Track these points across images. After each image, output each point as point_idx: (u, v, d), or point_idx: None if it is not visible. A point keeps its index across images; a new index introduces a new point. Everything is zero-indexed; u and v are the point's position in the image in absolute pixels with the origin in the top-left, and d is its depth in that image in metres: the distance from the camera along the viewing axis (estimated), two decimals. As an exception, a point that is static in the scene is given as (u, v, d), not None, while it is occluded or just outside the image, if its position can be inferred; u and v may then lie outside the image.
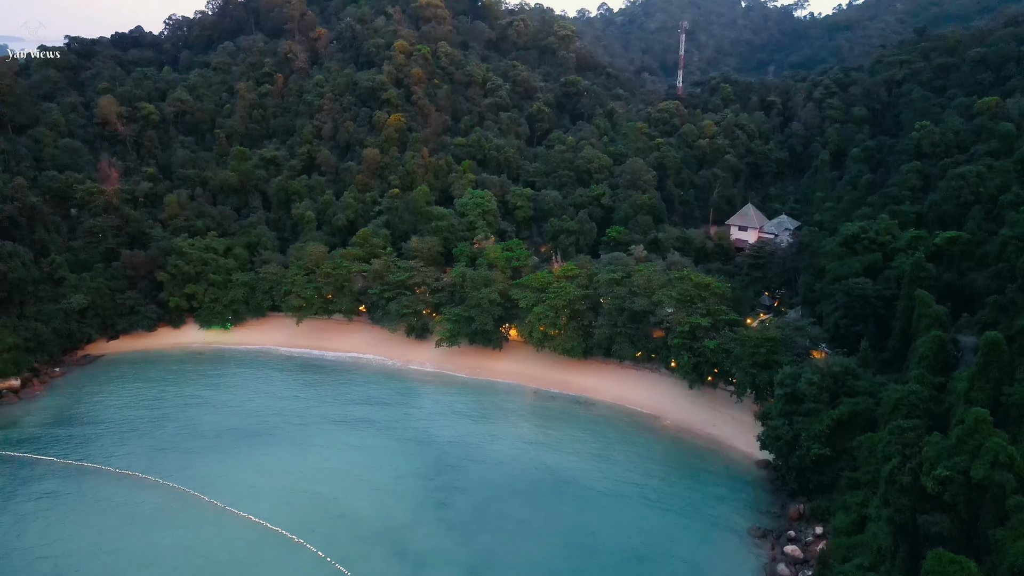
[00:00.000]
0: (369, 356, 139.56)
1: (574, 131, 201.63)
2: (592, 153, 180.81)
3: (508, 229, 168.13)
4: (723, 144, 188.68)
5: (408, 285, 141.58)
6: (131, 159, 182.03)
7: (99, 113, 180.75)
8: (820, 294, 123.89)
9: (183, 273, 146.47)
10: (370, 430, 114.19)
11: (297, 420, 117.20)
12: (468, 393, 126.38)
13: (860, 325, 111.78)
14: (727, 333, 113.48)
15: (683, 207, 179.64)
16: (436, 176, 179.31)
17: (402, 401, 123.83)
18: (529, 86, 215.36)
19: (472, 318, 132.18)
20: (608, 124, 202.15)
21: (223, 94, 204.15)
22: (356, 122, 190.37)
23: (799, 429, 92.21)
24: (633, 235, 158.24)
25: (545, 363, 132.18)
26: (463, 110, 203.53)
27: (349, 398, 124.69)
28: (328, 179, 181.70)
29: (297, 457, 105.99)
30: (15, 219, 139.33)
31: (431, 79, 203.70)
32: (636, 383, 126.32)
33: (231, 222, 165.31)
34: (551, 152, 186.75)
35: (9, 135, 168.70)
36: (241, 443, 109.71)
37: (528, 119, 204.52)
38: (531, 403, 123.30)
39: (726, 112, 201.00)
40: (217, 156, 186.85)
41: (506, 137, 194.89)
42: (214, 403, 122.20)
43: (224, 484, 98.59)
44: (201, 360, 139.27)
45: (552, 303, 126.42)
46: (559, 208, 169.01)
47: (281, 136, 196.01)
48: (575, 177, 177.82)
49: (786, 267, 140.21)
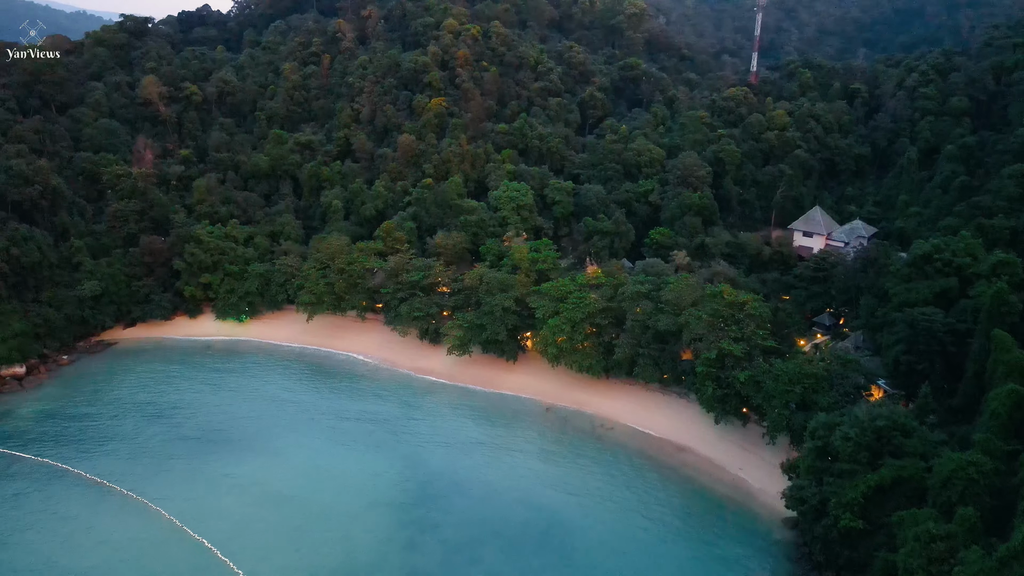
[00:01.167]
0: (378, 359, 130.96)
1: (629, 119, 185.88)
2: (643, 144, 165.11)
3: (545, 226, 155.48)
4: (794, 137, 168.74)
5: (423, 286, 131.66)
6: (171, 140, 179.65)
7: (141, 93, 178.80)
8: (883, 320, 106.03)
9: (199, 262, 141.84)
10: (358, 446, 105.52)
11: (286, 428, 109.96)
12: (474, 408, 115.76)
13: (924, 363, 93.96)
14: (761, 364, 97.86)
15: (742, 207, 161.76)
16: (473, 165, 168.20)
17: (401, 414, 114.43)
18: (585, 69, 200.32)
19: (484, 326, 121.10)
20: (667, 112, 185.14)
21: (269, 75, 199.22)
22: (396, 106, 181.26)
23: (829, 493, 76.76)
24: (678, 238, 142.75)
25: (563, 379, 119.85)
26: (511, 95, 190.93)
27: (347, 406, 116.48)
28: (362, 166, 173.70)
29: (273, 472, 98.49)
30: (36, 202, 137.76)
31: (479, 61, 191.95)
32: (660, 409, 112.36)
33: (256, 209, 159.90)
34: (600, 142, 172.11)
35: (51, 115, 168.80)
36: (222, 451, 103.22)
37: (580, 105, 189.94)
38: (540, 424, 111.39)
39: (802, 101, 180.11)
40: (256, 139, 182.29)
41: (554, 125, 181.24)
42: (207, 403, 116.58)
43: (189, 499, 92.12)
44: (209, 354, 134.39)
45: (570, 315, 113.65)
46: (601, 204, 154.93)
47: (321, 120, 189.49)
48: (622, 171, 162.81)
49: (849, 284, 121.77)
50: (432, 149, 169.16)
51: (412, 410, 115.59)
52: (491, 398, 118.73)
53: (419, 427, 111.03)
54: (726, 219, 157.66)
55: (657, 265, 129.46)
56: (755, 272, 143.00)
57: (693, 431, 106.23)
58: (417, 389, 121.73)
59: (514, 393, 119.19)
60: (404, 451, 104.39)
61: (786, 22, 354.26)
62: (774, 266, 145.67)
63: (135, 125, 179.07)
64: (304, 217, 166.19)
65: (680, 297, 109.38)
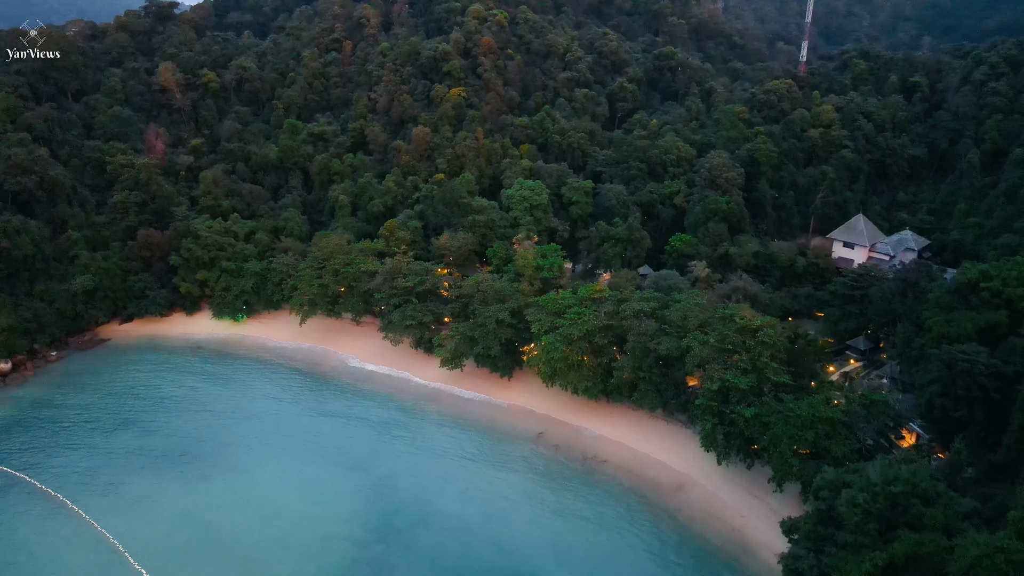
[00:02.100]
0: (369, 368, 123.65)
1: (660, 113, 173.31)
2: (671, 141, 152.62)
3: (561, 228, 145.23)
4: (840, 135, 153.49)
5: (418, 292, 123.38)
6: (186, 129, 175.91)
7: (157, 80, 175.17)
8: (919, 354, 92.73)
9: (196, 258, 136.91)
10: (328, 465, 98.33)
11: (258, 441, 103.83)
12: (460, 428, 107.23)
13: (963, 410, 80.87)
14: (770, 401, 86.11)
15: (778, 212, 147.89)
16: (489, 161, 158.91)
17: (383, 430, 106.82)
18: (618, 59, 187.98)
19: (476, 339, 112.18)
20: (703, 106, 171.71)
21: (290, 61, 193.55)
22: (413, 96, 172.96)
23: (830, 567, 65.42)
24: (700, 247, 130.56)
25: (559, 399, 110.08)
26: (536, 85, 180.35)
27: (327, 419, 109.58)
28: (375, 159, 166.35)
29: (230, 493, 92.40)
30: (33, 192, 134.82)
31: (504, 49, 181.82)
32: (661, 440, 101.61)
33: (260, 203, 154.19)
34: (627, 138, 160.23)
35: (65, 102, 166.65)
36: (186, 467, 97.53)
37: (609, 98, 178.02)
38: (528, 451, 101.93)
39: (852, 95, 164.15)
40: (272, 129, 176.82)
41: (579, 118, 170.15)
42: (183, 409, 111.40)
43: (138, 522, 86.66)
44: (199, 354, 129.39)
45: (566, 332, 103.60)
46: (622, 206, 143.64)
47: (339, 109, 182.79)
48: (646, 170, 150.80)
49: (885, 307, 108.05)
50: (447, 143, 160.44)
51: (394, 427, 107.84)
52: (481, 417, 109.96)
53: (399, 446, 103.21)
54: (758, 225, 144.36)
55: (671, 278, 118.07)
56: (786, 286, 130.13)
57: (695, 468, 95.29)
58: (404, 403, 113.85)
59: (505, 413, 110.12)
60: (377, 473, 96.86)
61: (857, 6, 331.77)
62: (808, 280, 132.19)
63: (151, 113, 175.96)
64: (313, 212, 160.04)
65: (686, 318, 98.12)
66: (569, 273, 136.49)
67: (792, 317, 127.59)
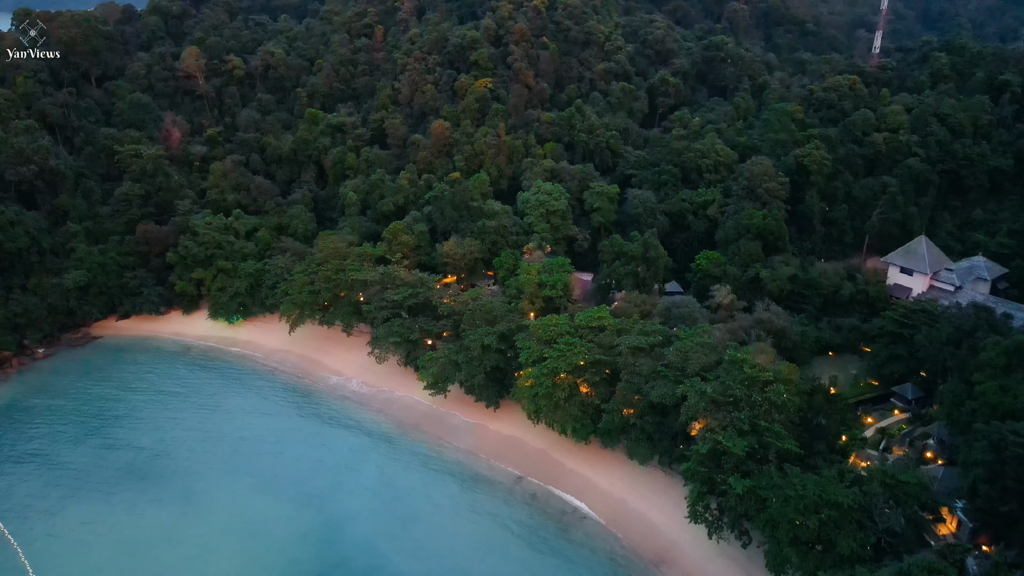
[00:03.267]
0: (351, 386, 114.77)
1: (705, 110, 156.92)
2: (711, 143, 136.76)
3: (580, 237, 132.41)
4: (909, 141, 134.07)
5: (408, 305, 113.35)
6: (208, 117, 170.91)
7: (181, 66, 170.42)
8: (969, 420, 76.39)
9: (192, 255, 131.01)
10: (284, 501, 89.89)
11: (219, 462, 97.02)
12: (434, 465, 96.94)
13: (1013, 503, 65.00)
14: (771, 472, 71.93)
15: (828, 228, 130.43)
16: (510, 159, 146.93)
17: (352, 458, 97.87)
18: (664, 48, 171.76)
19: (460, 365, 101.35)
20: (753, 103, 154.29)
21: (320, 47, 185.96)
22: (437, 86, 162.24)
23: None
24: (728, 267, 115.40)
25: (546, 437, 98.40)
26: (571, 76, 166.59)
27: (295, 444, 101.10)
28: (393, 153, 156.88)
29: (173, 525, 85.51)
30: (32, 182, 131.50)
31: (539, 37, 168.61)
32: (654, 494, 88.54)
33: (267, 198, 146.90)
34: (665, 138, 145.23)
35: (87, 88, 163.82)
36: (137, 487, 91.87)
37: (649, 91, 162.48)
38: (502, 500, 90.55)
39: (928, 94, 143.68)
40: (293, 118, 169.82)
41: (614, 114, 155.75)
42: (153, 421, 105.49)
43: (67, 553, 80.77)
44: (186, 358, 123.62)
45: (552, 365, 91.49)
46: (649, 215, 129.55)
47: (364, 99, 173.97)
48: (679, 174, 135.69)
49: (937, 354, 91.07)
50: (466, 138, 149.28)
51: (365, 456, 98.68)
52: (459, 452, 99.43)
53: (364, 480, 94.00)
54: (803, 243, 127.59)
55: (685, 304, 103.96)
56: (829, 315, 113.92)
57: (686, 536, 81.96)
58: (381, 429, 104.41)
59: (488, 454, 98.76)
60: (333, 510, 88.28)
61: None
62: (856, 309, 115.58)
63: (174, 100, 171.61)
64: (325, 208, 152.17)
65: (687, 359, 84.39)
66: (581, 291, 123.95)
67: (833, 351, 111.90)
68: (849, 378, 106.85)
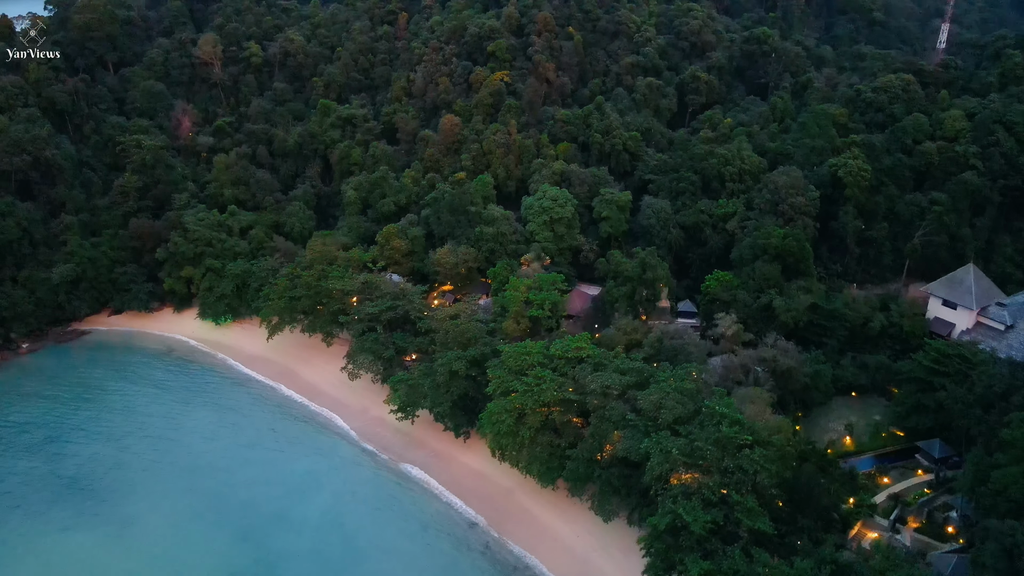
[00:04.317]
0: (322, 403, 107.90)
1: (739, 110, 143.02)
2: (738, 148, 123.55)
3: (587, 248, 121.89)
4: (967, 152, 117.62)
5: (384, 319, 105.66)
6: (223, 106, 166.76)
7: (198, 52, 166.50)
8: (991, 501, 63.57)
9: (181, 253, 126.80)
10: (220, 532, 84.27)
11: (164, 482, 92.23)
12: (389, 501, 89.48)
13: (1028, 627, 52.58)
14: (735, 557, 60.94)
15: (864, 249, 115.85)
16: (520, 160, 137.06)
17: (301, 490, 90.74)
18: (700, 41, 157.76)
19: (426, 391, 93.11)
20: (792, 104, 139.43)
21: (343, 34, 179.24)
22: (452, 79, 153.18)
23: None
24: (739, 292, 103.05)
25: (514, 475, 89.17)
26: (596, 70, 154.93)
27: (249, 465, 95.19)
28: (402, 149, 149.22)
29: (99, 552, 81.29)
30: (27, 172, 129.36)
31: (564, 26, 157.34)
32: (624, 554, 77.77)
33: (267, 193, 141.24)
34: (691, 140, 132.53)
35: (103, 74, 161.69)
36: (77, 504, 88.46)
37: (679, 88, 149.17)
38: (452, 547, 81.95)
39: (994, 98, 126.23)
40: (307, 109, 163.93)
41: (639, 112, 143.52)
42: (114, 429, 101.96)
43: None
44: (164, 360, 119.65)
45: (518, 401, 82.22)
46: (662, 226, 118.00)
47: (381, 90, 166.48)
48: (699, 183, 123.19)
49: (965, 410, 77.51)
50: (475, 136, 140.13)
51: (319, 484, 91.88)
52: (420, 485, 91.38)
53: (310, 513, 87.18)
54: (833, 265, 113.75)
55: (680, 335, 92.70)
56: (856, 349, 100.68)
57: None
58: (341, 454, 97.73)
59: (451, 491, 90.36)
60: (270, 547, 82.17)
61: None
62: (888, 344, 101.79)
63: (191, 88, 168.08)
64: (329, 205, 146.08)
65: (660, 407, 73.61)
66: (583, 306, 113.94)
67: (857, 392, 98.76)
68: (870, 425, 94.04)
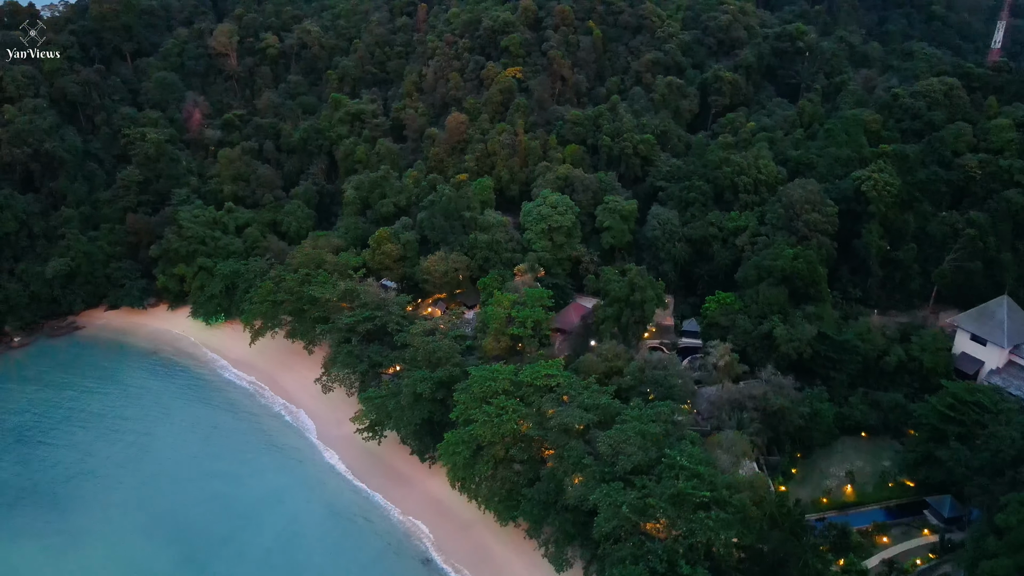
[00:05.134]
0: (297, 414, 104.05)
1: (764, 113, 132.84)
2: (754, 156, 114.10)
3: (587, 259, 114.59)
4: (1012, 166, 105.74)
5: (360, 331, 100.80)
6: (237, 98, 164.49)
7: (212, 43, 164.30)
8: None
9: (174, 250, 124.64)
10: (165, 555, 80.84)
11: (125, 493, 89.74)
12: (347, 527, 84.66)
13: None
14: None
15: (888, 271, 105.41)
16: (525, 161, 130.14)
17: (257, 510, 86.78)
18: (729, 36, 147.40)
19: (390, 411, 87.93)
20: (824, 108, 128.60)
21: (362, 25, 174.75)
22: (463, 74, 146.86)
23: None
24: (739, 316, 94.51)
25: (475, 509, 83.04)
26: (616, 67, 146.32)
27: (210, 480, 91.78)
28: (408, 147, 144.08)
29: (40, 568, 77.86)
30: (27, 165, 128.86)
31: (584, 20, 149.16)
32: (578, 608, 72.05)
33: (268, 190, 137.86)
34: (710, 145, 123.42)
35: (120, 65, 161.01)
36: (27, 513, 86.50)
37: (701, 88, 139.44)
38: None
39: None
40: (320, 103, 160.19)
41: (657, 113, 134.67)
42: (83, 435, 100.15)
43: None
44: (149, 360, 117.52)
45: (477, 432, 76.26)
46: (668, 239, 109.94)
47: (396, 84, 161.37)
48: (711, 193, 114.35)
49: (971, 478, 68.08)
50: (481, 135, 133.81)
51: (277, 502, 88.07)
52: (380, 514, 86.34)
53: (264, 535, 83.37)
54: (852, 289, 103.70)
55: (663, 365, 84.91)
56: (868, 384, 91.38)
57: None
58: (306, 472, 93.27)
59: (409, 516, 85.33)
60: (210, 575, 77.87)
61: None
62: (906, 380, 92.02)
63: (206, 79, 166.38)
64: (332, 204, 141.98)
65: (617, 452, 66.56)
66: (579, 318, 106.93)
67: (866, 432, 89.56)
68: (876, 471, 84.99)
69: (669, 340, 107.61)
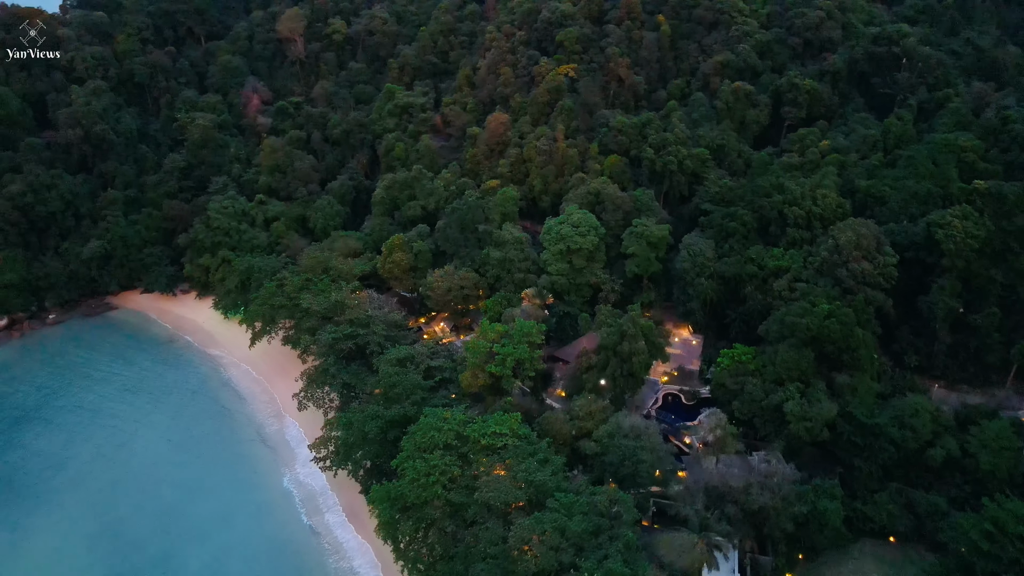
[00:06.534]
0: (283, 425, 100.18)
1: (846, 129, 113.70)
2: (812, 184, 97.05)
3: (607, 286, 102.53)
4: None
5: (339, 348, 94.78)
6: (299, 84, 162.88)
7: (279, 28, 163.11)
8: None
9: (200, 241, 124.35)
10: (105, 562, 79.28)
11: (88, 494, 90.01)
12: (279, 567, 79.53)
13: None
14: None
15: (959, 338, 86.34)
16: (562, 170, 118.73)
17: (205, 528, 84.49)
18: (822, 36, 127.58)
19: (350, 445, 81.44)
20: (918, 128, 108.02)
21: (433, 11, 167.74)
22: (516, 69, 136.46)
23: None
24: (750, 380, 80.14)
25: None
26: (682, 68, 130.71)
27: (171, 490, 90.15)
28: (450, 145, 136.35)
29: None
30: (77, 146, 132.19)
31: (653, 14, 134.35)
32: None
33: (302, 183, 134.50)
34: (771, 166, 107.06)
35: (192, 48, 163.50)
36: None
37: (775, 96, 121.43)
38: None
39: None
40: (378, 93, 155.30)
41: (719, 123, 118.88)
42: (73, 423, 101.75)
43: None
44: (161, 349, 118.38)
45: (402, 491, 68.20)
46: (696, 273, 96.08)
47: (452, 76, 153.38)
48: (755, 224, 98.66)
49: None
50: (519, 139, 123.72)
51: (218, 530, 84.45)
52: (324, 552, 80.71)
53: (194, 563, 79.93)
54: (911, 356, 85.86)
55: (641, 433, 72.64)
56: (905, 479, 75.21)
57: None
58: (260, 495, 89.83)
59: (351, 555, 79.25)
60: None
61: None
62: (956, 479, 74.88)
63: (272, 64, 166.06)
64: (368, 200, 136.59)
65: (523, 552, 56.17)
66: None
67: (895, 538, 73.74)
68: (895, 593, 69.56)
69: (690, 388, 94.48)
